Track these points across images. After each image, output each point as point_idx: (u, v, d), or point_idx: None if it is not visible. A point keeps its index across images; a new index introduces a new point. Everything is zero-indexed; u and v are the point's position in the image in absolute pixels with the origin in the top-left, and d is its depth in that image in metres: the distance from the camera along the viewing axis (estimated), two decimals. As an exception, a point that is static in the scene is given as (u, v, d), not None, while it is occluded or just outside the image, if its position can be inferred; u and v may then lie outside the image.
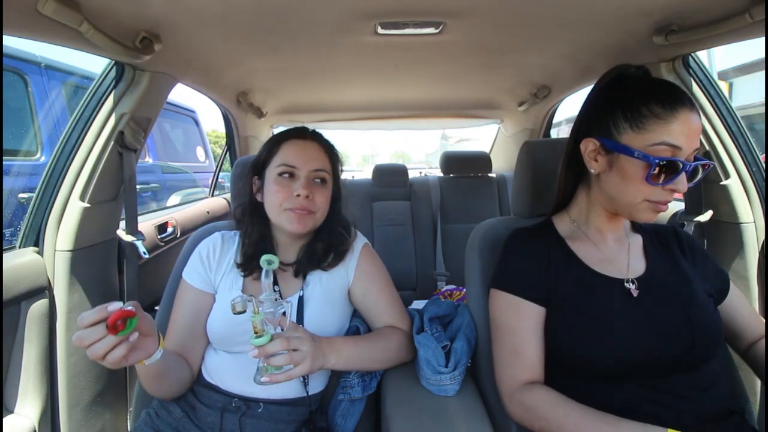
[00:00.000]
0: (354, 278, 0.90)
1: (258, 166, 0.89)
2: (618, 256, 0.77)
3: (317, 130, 0.92)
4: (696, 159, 0.67)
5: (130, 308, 0.59)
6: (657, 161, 0.64)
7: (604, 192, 0.73)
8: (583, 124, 0.75)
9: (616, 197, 0.71)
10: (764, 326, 0.78)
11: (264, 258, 0.69)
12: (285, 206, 0.82)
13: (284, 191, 0.82)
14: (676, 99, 0.64)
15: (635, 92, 0.68)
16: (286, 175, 0.83)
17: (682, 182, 0.65)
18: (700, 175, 0.68)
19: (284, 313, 0.68)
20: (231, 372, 0.83)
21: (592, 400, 0.66)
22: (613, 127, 0.68)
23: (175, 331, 0.85)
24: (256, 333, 0.65)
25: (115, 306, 0.58)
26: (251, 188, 0.90)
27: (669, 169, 0.64)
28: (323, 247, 0.88)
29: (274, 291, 0.69)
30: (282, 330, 0.68)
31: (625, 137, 0.67)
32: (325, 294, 0.87)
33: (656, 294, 0.71)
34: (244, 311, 0.64)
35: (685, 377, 0.67)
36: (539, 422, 0.68)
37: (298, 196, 0.81)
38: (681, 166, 0.64)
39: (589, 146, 0.72)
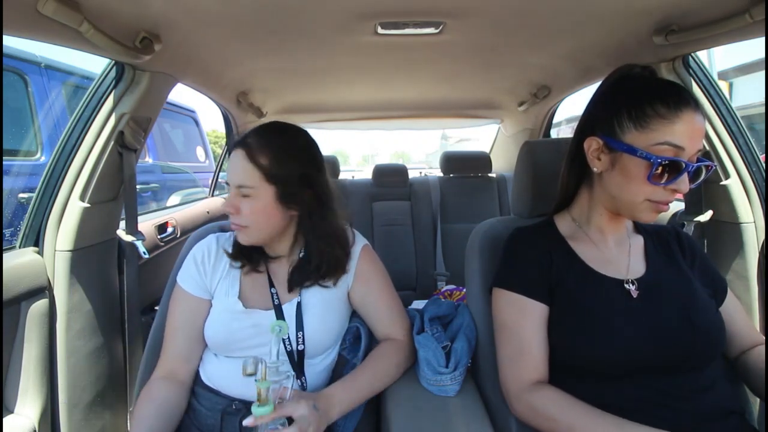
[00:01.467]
0: (354, 281, 0.89)
1: None
2: (618, 256, 0.77)
3: (276, 123, 0.86)
4: (699, 160, 0.66)
5: None
6: (659, 161, 0.64)
7: (606, 191, 0.73)
8: (587, 123, 0.75)
9: (617, 196, 0.71)
10: (757, 337, 0.78)
11: (273, 324, 0.69)
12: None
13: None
14: (680, 99, 0.64)
15: (640, 92, 0.68)
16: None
17: (684, 183, 0.65)
18: (702, 176, 0.68)
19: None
20: (232, 376, 0.82)
21: (592, 400, 0.66)
22: (617, 125, 0.68)
23: (172, 339, 0.84)
24: (259, 401, 0.63)
25: None
26: None
27: (671, 169, 0.64)
28: (317, 275, 0.85)
29: (278, 359, 0.68)
30: (282, 399, 0.67)
31: (629, 136, 0.67)
32: (325, 301, 0.86)
33: (656, 295, 0.71)
34: (255, 373, 0.63)
35: (686, 378, 0.67)
36: (547, 423, 0.67)
37: None
38: (683, 166, 0.64)
39: (592, 145, 0.72)
